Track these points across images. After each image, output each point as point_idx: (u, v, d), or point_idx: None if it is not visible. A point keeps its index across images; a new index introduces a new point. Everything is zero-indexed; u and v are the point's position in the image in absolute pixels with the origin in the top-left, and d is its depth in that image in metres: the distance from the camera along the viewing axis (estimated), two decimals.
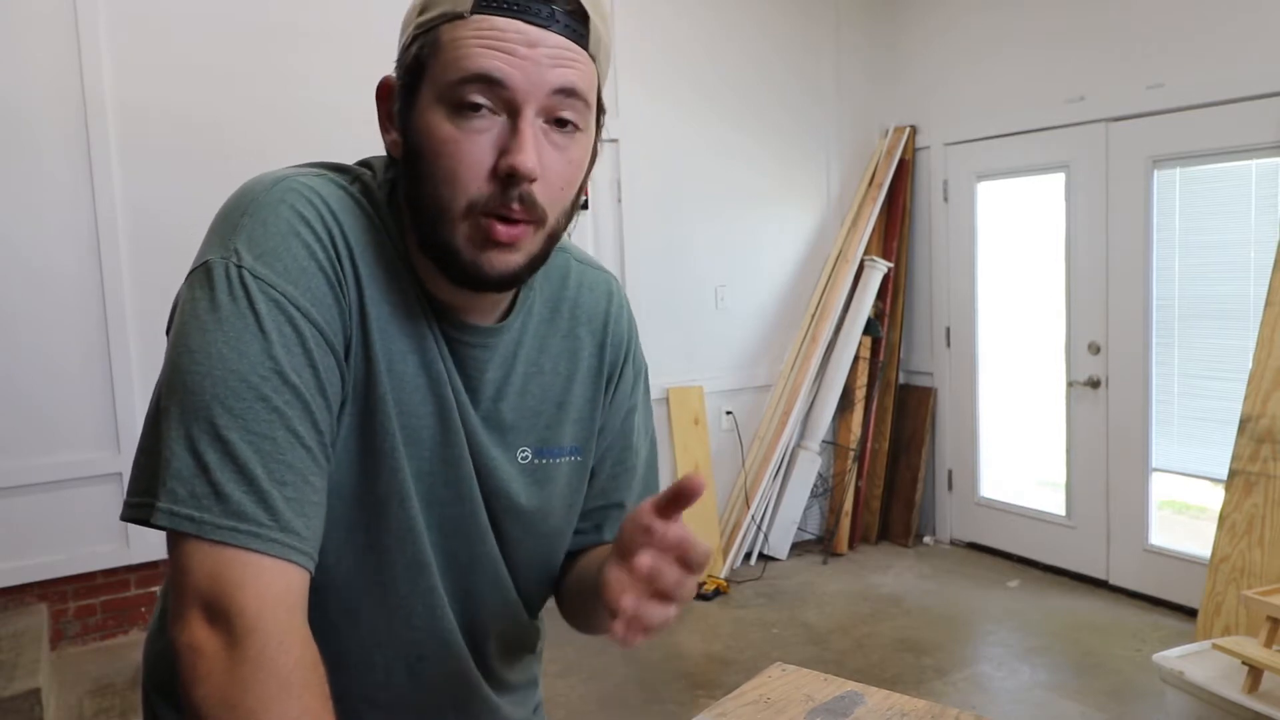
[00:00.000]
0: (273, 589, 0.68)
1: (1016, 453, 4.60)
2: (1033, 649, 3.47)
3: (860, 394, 4.65)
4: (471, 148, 0.73)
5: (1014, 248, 4.47)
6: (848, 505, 4.66)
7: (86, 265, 3.22)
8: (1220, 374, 3.59)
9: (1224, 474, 3.21)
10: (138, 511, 0.70)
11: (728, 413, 4.52)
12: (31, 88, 3.12)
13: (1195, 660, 2.52)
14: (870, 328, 4.63)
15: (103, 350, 3.26)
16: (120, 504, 0.81)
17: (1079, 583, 4.11)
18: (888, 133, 4.81)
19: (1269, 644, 2.35)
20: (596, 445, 0.96)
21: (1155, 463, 3.86)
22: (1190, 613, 3.56)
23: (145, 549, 3.33)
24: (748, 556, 4.49)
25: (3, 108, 3.09)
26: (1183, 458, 3.79)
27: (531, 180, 0.74)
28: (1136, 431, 3.88)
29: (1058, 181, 4.15)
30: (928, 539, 4.78)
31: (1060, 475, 4.25)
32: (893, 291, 4.71)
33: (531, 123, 0.74)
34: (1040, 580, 4.18)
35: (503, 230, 0.75)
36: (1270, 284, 3.20)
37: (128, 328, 3.28)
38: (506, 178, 0.73)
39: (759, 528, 4.49)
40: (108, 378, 3.27)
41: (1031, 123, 4.19)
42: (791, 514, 4.53)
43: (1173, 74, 3.65)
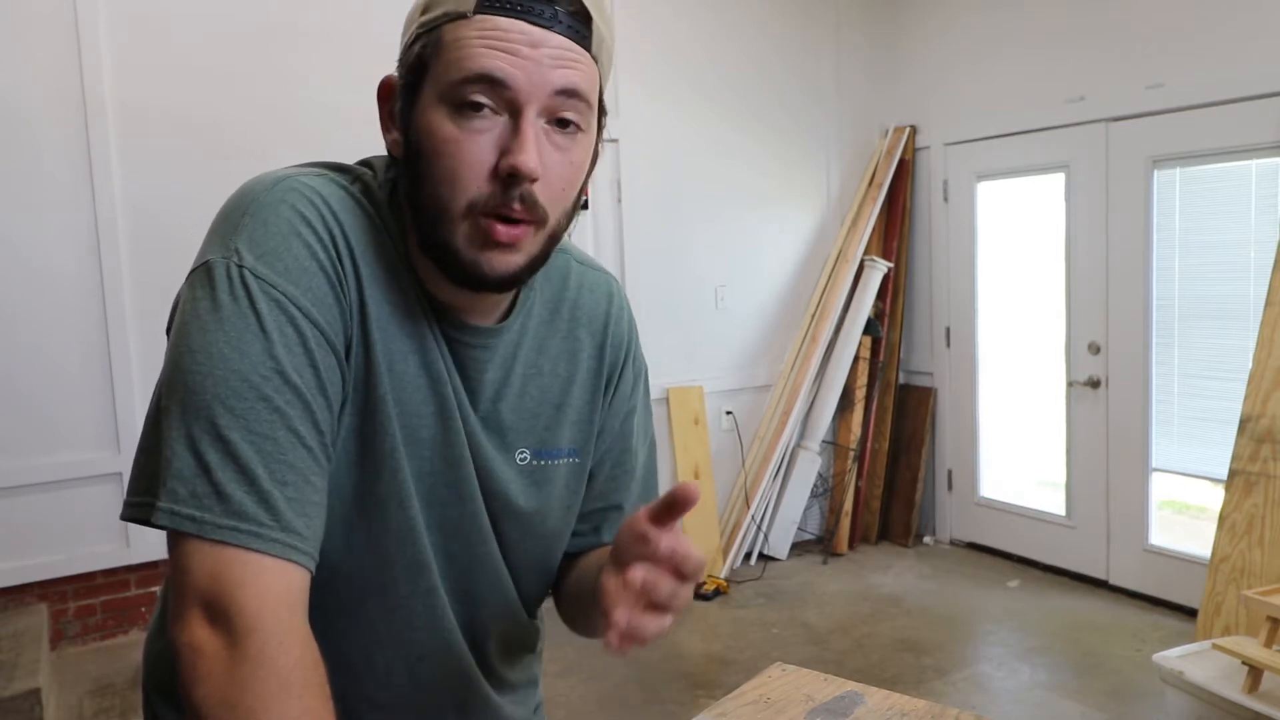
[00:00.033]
0: (273, 589, 0.68)
1: (1016, 453, 4.60)
2: (1033, 649, 3.47)
3: (860, 394, 4.65)
4: (473, 147, 0.73)
5: (1014, 248, 4.46)
6: (848, 505, 4.66)
7: (86, 265, 3.22)
8: (1220, 374, 3.59)
9: (1224, 474, 3.21)
10: (138, 511, 0.70)
11: (728, 413, 4.52)
12: (31, 88, 3.12)
13: (1195, 660, 2.52)
14: (870, 328, 4.63)
15: (103, 350, 3.26)
16: (120, 504, 0.81)
17: (1079, 583, 4.10)
18: (888, 133, 4.81)
19: (1269, 644, 2.35)
20: (595, 447, 0.96)
21: (1155, 463, 3.86)
22: (1190, 613, 3.56)
23: (145, 549, 3.33)
24: (748, 556, 4.49)
25: (3, 108, 3.09)
26: (1183, 458, 3.79)
27: (533, 180, 0.74)
28: (1136, 431, 3.88)
29: (1058, 181, 4.14)
30: (928, 539, 4.78)
31: (1060, 475, 4.25)
32: (893, 291, 4.71)
33: (533, 123, 0.74)
34: (1040, 580, 4.18)
35: (503, 230, 0.75)
36: (1270, 284, 3.20)
37: (128, 328, 3.28)
38: (508, 178, 0.73)
39: (759, 528, 4.49)
40: (108, 378, 3.27)
41: (1031, 123, 4.19)
42: (791, 514, 4.53)
43: (1173, 74, 3.65)
